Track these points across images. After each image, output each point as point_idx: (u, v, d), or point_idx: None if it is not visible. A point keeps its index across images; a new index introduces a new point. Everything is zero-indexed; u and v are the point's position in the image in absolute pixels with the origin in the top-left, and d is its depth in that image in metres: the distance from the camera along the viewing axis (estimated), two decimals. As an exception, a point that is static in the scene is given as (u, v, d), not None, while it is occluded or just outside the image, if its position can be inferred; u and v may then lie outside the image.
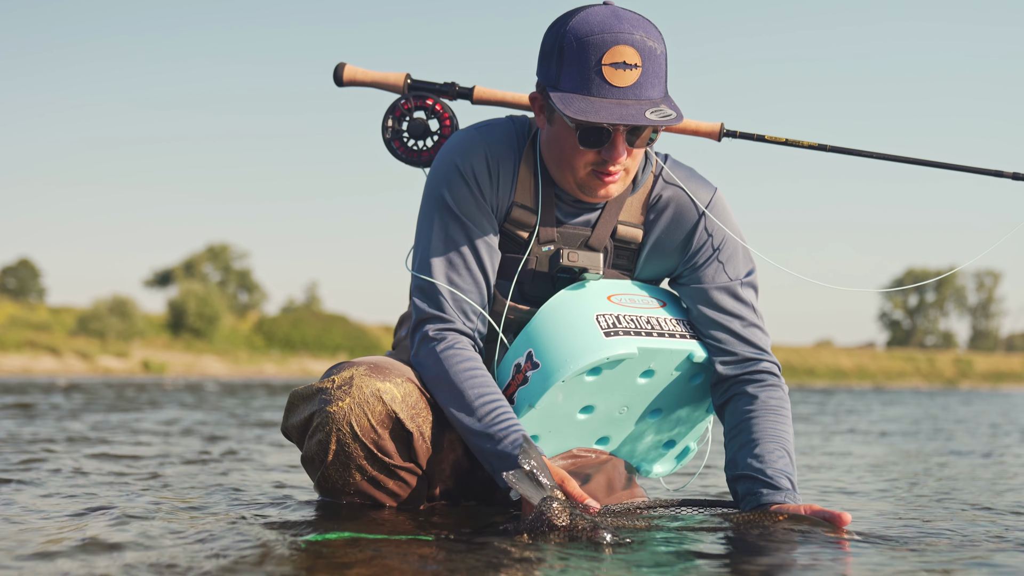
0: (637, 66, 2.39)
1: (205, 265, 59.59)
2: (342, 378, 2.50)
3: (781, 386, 2.65)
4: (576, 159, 2.49)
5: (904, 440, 7.04)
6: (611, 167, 2.48)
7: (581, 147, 2.45)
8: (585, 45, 2.39)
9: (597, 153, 2.47)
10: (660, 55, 2.43)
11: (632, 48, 2.39)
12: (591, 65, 2.38)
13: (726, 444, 2.61)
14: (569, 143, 2.48)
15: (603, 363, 2.55)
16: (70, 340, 39.64)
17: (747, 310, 2.66)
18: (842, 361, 63.28)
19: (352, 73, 2.98)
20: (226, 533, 2.31)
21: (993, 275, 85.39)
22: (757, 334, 2.65)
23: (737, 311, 2.65)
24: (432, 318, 2.58)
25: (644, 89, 2.40)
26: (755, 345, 2.64)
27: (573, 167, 2.50)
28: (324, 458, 2.52)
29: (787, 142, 2.94)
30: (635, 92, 2.39)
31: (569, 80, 2.41)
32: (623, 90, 2.38)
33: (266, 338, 47.42)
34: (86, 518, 2.54)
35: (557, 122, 2.49)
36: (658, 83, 2.42)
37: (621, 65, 2.38)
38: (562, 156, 2.51)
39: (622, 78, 2.38)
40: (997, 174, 2.90)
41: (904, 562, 2.05)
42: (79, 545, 2.11)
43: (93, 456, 4.33)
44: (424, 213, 2.63)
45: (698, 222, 2.65)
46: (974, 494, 3.52)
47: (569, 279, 2.65)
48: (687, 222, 2.65)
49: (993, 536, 2.46)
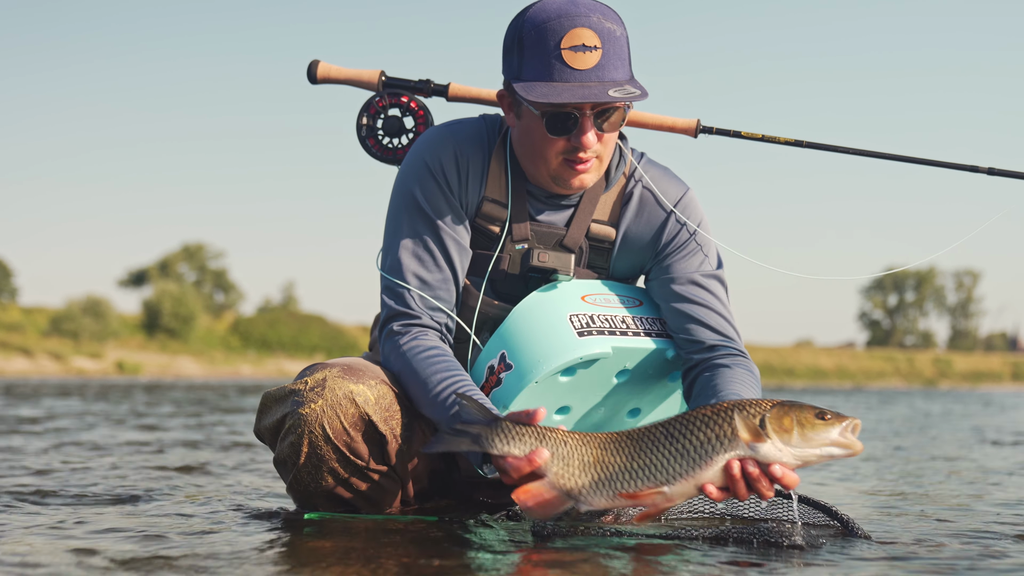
0: (597, 47, 2.40)
1: (180, 265, 59.22)
2: (315, 380, 2.49)
3: (750, 365, 2.60)
4: (547, 149, 2.48)
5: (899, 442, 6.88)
6: (581, 154, 2.47)
7: (550, 135, 2.45)
8: (543, 32, 2.41)
9: (567, 140, 2.46)
10: (620, 37, 2.44)
11: (590, 30, 2.41)
12: (550, 51, 2.40)
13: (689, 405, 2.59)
14: (539, 134, 2.47)
15: (577, 363, 2.53)
16: (43, 341, 39.35)
17: (715, 301, 2.62)
18: (822, 361, 63.39)
19: (326, 70, 2.97)
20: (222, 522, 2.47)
21: (972, 275, 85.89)
22: (724, 324, 2.61)
23: (705, 301, 2.61)
24: (398, 315, 2.58)
25: (606, 71, 2.40)
26: (722, 334, 2.60)
27: (545, 158, 2.50)
28: (296, 460, 2.51)
29: (763, 138, 2.94)
30: (597, 74, 2.39)
31: (531, 69, 2.42)
32: (585, 72, 2.39)
33: (242, 338, 47.16)
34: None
35: (525, 115, 2.49)
36: (621, 65, 2.43)
37: (580, 48, 2.40)
38: (533, 149, 2.50)
39: (583, 60, 2.39)
40: (972, 169, 2.91)
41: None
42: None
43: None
44: (393, 210, 2.64)
45: (667, 219, 2.64)
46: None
47: (541, 279, 2.63)
48: (656, 219, 2.64)
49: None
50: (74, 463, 4.26)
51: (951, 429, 8.86)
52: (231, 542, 2.30)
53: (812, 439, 2.06)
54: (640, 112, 2.94)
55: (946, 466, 4.96)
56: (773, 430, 2.07)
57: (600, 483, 2.17)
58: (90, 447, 5.18)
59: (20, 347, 37.34)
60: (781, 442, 2.06)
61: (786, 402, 2.11)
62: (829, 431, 2.06)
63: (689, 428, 2.12)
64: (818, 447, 2.07)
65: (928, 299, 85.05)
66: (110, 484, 3.51)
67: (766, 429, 2.07)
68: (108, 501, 3.05)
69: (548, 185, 2.58)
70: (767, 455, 2.08)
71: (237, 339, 47.14)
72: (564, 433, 2.21)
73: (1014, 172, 2.89)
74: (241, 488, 3.49)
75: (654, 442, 2.14)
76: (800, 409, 2.08)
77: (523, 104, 2.47)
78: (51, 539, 2.34)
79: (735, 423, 2.08)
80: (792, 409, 2.08)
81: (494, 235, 2.64)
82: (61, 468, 4.04)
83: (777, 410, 2.08)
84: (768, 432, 2.07)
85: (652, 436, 2.14)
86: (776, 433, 2.07)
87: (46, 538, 2.36)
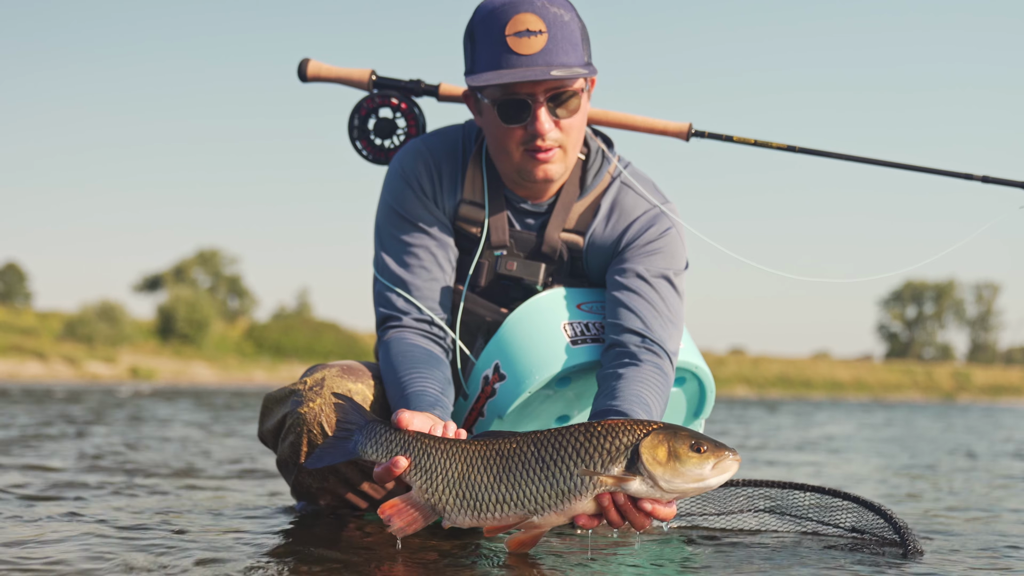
0: (542, 32, 2.40)
1: (195, 270, 59.18)
2: (314, 379, 2.51)
3: (663, 366, 2.49)
4: (507, 140, 2.48)
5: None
6: (540, 142, 2.46)
7: (504, 124, 2.46)
8: (489, 22, 2.44)
9: (523, 129, 2.46)
10: (569, 22, 2.44)
11: (534, 15, 2.41)
12: (496, 39, 2.42)
13: (592, 404, 2.51)
14: (496, 126, 2.48)
15: (570, 372, 2.52)
16: (57, 345, 39.33)
17: (655, 298, 2.56)
18: (839, 373, 62.81)
19: (316, 69, 2.96)
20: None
21: (992, 287, 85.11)
22: (656, 320, 2.53)
23: (644, 294, 2.55)
24: (387, 318, 2.61)
25: (553, 55, 2.40)
26: (649, 327, 2.52)
27: (507, 151, 2.50)
28: (296, 460, 2.52)
29: (756, 143, 2.92)
30: (544, 58, 2.40)
31: (481, 60, 2.45)
32: (530, 57, 2.40)
33: (256, 345, 47.06)
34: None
35: (485, 110, 2.51)
36: (571, 49, 2.43)
37: (524, 33, 2.40)
38: (496, 143, 2.51)
39: (527, 45, 2.40)
40: (967, 177, 2.89)
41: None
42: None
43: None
44: (378, 222, 2.69)
45: (631, 225, 2.61)
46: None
47: (516, 286, 2.64)
48: (621, 225, 2.62)
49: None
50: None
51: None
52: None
53: (684, 474, 1.98)
54: (632, 115, 2.91)
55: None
56: (646, 461, 1.97)
57: (464, 503, 2.04)
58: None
59: (34, 351, 37.32)
60: (654, 475, 1.98)
61: (664, 429, 2.01)
62: (703, 466, 1.98)
63: (560, 455, 2.01)
64: (692, 481, 1.99)
65: (947, 311, 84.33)
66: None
67: (639, 461, 1.98)
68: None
69: (517, 182, 2.57)
70: (637, 491, 2.00)
71: (251, 345, 47.06)
72: (432, 442, 2.09)
73: (1008, 180, 2.87)
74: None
75: (524, 465, 2.02)
76: (676, 438, 1.99)
77: (481, 100, 2.49)
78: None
79: (607, 453, 1.99)
80: (668, 438, 1.99)
81: (474, 237, 2.64)
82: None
83: (652, 439, 1.99)
84: (641, 464, 1.98)
85: (522, 458, 2.02)
86: (649, 465, 1.97)
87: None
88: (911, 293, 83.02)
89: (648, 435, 1.99)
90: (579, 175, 2.64)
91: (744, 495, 2.75)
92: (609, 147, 2.72)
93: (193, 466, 4.64)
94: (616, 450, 1.99)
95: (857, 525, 2.58)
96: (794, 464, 5.95)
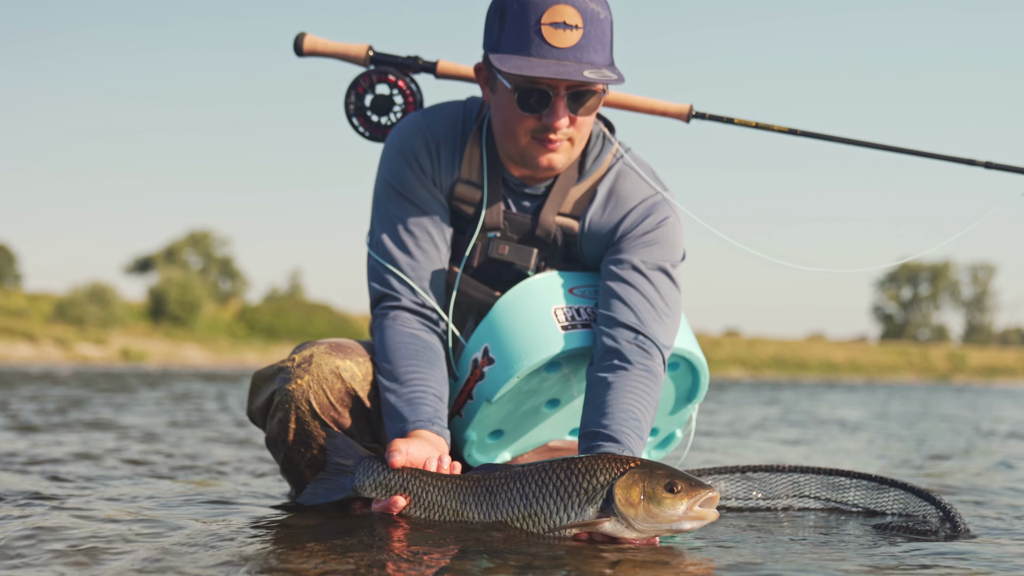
0: (578, 27, 2.36)
1: (186, 252, 58.69)
2: (302, 356, 2.50)
3: (653, 367, 2.47)
4: (517, 126, 2.45)
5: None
6: (551, 135, 2.43)
7: (521, 112, 2.42)
8: (525, 6, 2.38)
9: (538, 119, 2.43)
10: (604, 20, 2.41)
11: (573, 8, 2.36)
12: (531, 25, 2.36)
13: (583, 408, 2.51)
14: (510, 110, 2.45)
15: (559, 358, 2.51)
16: (47, 327, 39.12)
17: (650, 290, 2.52)
18: (834, 355, 62.69)
19: (312, 43, 2.92)
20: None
21: (988, 268, 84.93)
22: (649, 314, 2.50)
23: (639, 286, 2.51)
24: (383, 297, 2.59)
25: (585, 52, 2.36)
26: (642, 321, 2.49)
27: (515, 135, 2.47)
28: (285, 437, 2.52)
29: (757, 125, 2.91)
30: (575, 54, 2.36)
31: (509, 42, 2.39)
32: (563, 51, 2.35)
33: (248, 327, 46.84)
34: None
35: (499, 90, 2.47)
36: (601, 48, 2.39)
37: (561, 25, 2.35)
38: (504, 125, 2.48)
39: (562, 38, 2.36)
40: (970, 162, 2.88)
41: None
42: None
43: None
44: (375, 198, 2.66)
45: (628, 213, 2.57)
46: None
47: (508, 269, 2.61)
48: (619, 212, 2.58)
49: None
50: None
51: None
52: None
53: (657, 515, 1.99)
54: (633, 96, 2.88)
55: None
56: (619, 502, 2.00)
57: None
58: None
59: (24, 333, 37.07)
60: (627, 516, 2.00)
61: (640, 469, 2.02)
62: (676, 507, 1.98)
63: (542, 492, 2.08)
64: (665, 523, 2.00)
65: (943, 293, 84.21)
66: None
67: (612, 503, 2.00)
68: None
69: (518, 163, 2.53)
70: (612, 531, 2.03)
71: (243, 327, 46.82)
72: (428, 480, 2.20)
73: (1012, 167, 2.87)
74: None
75: (510, 502, 2.11)
76: (651, 478, 2.00)
77: (498, 78, 2.45)
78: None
79: (584, 493, 2.03)
80: (643, 478, 2.00)
81: (469, 216, 2.62)
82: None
83: (627, 479, 2.01)
84: (614, 506, 2.00)
85: (509, 495, 2.11)
86: (622, 506, 2.00)
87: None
88: (906, 274, 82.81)
89: (625, 474, 2.01)
90: (579, 159, 2.61)
91: (789, 480, 2.78)
92: (611, 132, 2.70)
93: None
94: (593, 489, 2.02)
95: (904, 510, 2.64)
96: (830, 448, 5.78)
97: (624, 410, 2.36)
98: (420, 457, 2.29)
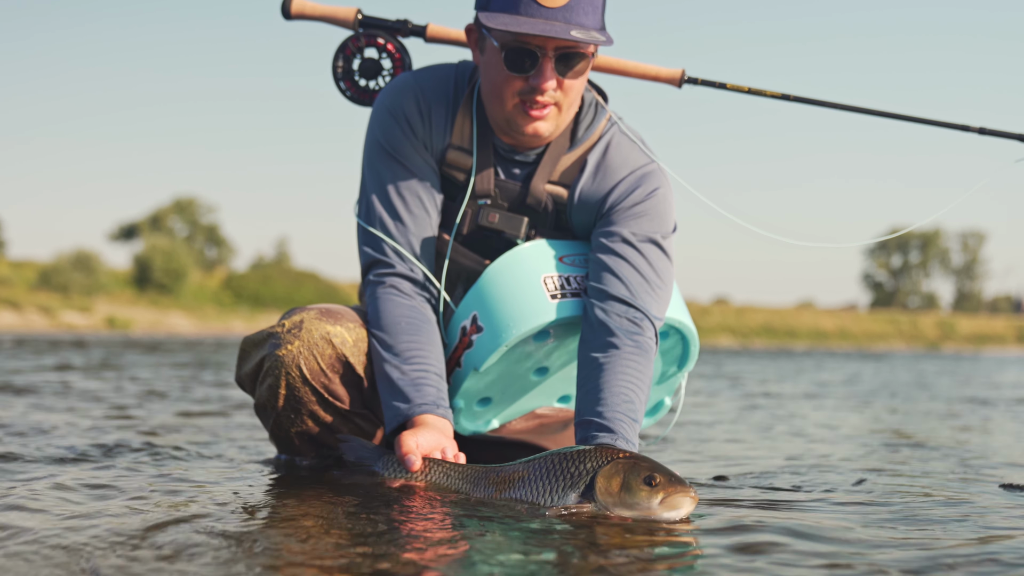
0: None
1: (172, 219, 58.30)
2: (292, 322, 2.49)
3: (645, 343, 2.47)
4: (504, 88, 2.44)
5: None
6: (539, 97, 2.42)
7: (508, 71, 2.41)
8: None
9: (525, 80, 2.42)
10: None
11: None
12: None
13: (576, 390, 2.53)
14: (498, 70, 2.44)
15: (549, 327, 2.50)
16: (31, 295, 38.81)
17: (642, 262, 2.50)
18: (824, 323, 62.65)
19: (300, 6, 2.87)
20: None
21: (978, 236, 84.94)
22: (641, 286, 2.49)
23: (630, 259, 2.50)
24: (375, 263, 2.56)
25: (575, 13, 2.35)
26: (633, 293, 2.48)
27: (502, 98, 2.46)
28: (275, 404, 2.50)
29: (750, 91, 2.90)
30: (565, 14, 2.35)
31: (499, 0, 2.38)
32: (552, 11, 2.34)
33: (235, 294, 46.59)
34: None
35: (488, 50, 2.46)
36: (592, 11, 2.39)
37: None
38: (492, 87, 2.47)
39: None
40: (964, 128, 2.88)
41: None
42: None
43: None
44: (365, 160, 2.63)
45: (618, 183, 2.56)
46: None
47: (497, 237, 2.59)
48: (609, 182, 2.56)
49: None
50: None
51: None
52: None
53: (632, 505, 2.11)
54: (624, 61, 2.86)
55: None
56: (599, 490, 2.13)
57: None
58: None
59: (8, 301, 36.73)
60: (605, 504, 2.13)
61: (625, 460, 2.14)
62: (651, 499, 2.09)
63: (536, 476, 2.22)
64: (640, 512, 2.11)
65: (933, 260, 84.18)
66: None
67: (593, 491, 2.14)
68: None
69: (505, 132, 2.52)
70: (591, 515, 2.14)
71: (229, 295, 46.57)
72: (443, 467, 2.34)
73: (1005, 132, 2.86)
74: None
75: (510, 486, 2.25)
76: (633, 470, 2.12)
77: (487, 38, 2.43)
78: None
79: (570, 478, 2.17)
80: (624, 470, 2.12)
81: (459, 183, 2.60)
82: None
83: (610, 468, 2.13)
84: (595, 493, 2.14)
85: (509, 479, 2.26)
86: (600, 494, 2.13)
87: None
88: (896, 242, 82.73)
89: (608, 464, 2.14)
90: (571, 127, 2.60)
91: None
92: (605, 101, 2.68)
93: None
94: (578, 475, 2.16)
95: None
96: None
97: (617, 394, 2.38)
98: (430, 448, 2.35)
